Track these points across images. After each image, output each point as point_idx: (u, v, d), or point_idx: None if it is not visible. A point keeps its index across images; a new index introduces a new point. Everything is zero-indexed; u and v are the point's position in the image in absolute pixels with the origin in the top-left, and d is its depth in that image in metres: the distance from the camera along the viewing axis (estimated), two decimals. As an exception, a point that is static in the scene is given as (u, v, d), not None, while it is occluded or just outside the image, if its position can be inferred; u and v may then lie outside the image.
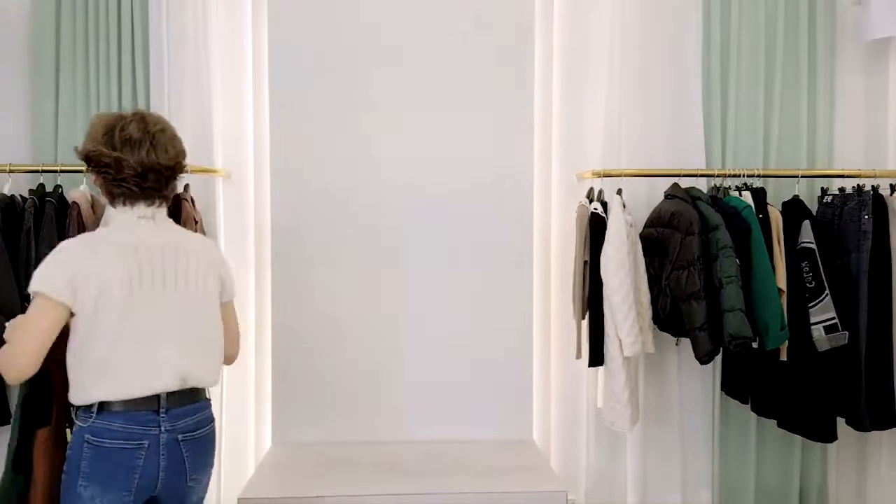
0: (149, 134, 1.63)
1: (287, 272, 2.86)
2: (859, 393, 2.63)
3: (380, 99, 2.87)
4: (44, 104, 2.75)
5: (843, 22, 3.02)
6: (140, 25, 2.75)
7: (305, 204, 2.86)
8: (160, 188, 1.67)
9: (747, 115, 2.94)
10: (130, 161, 1.61)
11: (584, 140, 2.98)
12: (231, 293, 1.81)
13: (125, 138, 1.62)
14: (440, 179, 2.89)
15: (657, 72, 2.89)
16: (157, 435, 1.60)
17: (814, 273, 2.61)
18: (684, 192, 2.69)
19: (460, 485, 2.42)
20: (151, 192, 1.66)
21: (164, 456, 1.61)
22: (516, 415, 2.92)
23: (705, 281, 2.51)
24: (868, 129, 3.06)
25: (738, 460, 2.99)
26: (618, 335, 2.62)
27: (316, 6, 2.85)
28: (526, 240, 2.92)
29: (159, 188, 1.66)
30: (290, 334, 2.86)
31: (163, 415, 1.61)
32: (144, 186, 1.64)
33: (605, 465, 2.97)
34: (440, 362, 2.90)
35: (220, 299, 1.76)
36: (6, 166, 2.57)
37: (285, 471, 2.58)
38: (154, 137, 1.63)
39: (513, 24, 2.90)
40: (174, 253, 1.67)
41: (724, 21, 2.92)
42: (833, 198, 2.78)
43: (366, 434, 2.87)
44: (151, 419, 1.60)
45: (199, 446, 1.68)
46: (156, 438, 1.60)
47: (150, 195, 1.66)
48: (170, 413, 1.62)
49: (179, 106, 2.75)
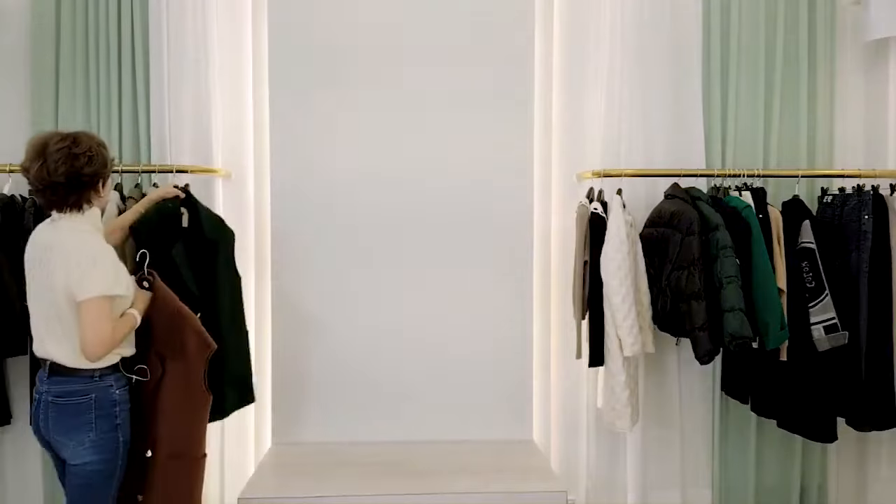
0: (47, 153, 1.88)
1: (287, 271, 2.86)
2: (859, 393, 2.63)
3: (380, 99, 2.87)
4: (44, 104, 2.75)
5: (843, 22, 3.03)
6: (140, 26, 2.75)
7: (305, 204, 2.86)
8: (59, 200, 1.92)
9: (747, 115, 2.94)
10: (30, 177, 1.92)
11: (584, 140, 2.98)
12: (80, 293, 1.88)
13: (29, 157, 1.92)
14: (440, 179, 2.89)
15: (657, 72, 2.89)
16: (40, 394, 2.00)
17: (814, 273, 2.61)
18: (684, 192, 2.69)
19: (460, 485, 2.42)
20: (53, 203, 1.93)
21: (42, 411, 1.99)
22: (516, 415, 2.93)
23: (705, 281, 2.51)
24: (868, 129, 3.06)
25: (738, 460, 2.99)
26: (618, 335, 2.62)
27: (316, 6, 2.85)
28: (526, 240, 2.92)
29: (58, 200, 1.92)
30: (289, 334, 2.86)
31: (42, 378, 2.01)
32: (47, 198, 1.93)
33: (605, 465, 2.97)
34: (440, 362, 2.90)
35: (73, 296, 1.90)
36: (6, 166, 2.57)
37: (285, 471, 2.58)
38: (49, 156, 1.87)
39: (513, 25, 2.90)
40: (44, 251, 1.96)
41: (724, 21, 2.93)
42: (833, 198, 2.78)
43: (366, 434, 2.87)
44: (39, 380, 2.02)
45: (60, 412, 1.96)
46: (39, 396, 2.01)
47: (53, 205, 1.94)
48: (43, 379, 2.00)
49: (179, 106, 2.75)
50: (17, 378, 2.71)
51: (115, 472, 2.02)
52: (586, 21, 2.96)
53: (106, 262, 1.93)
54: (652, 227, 2.77)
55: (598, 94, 2.93)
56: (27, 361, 2.59)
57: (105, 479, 2.01)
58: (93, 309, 1.86)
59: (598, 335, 2.68)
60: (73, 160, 1.88)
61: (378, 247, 2.88)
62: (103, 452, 1.98)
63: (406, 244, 2.88)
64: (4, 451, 2.82)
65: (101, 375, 1.98)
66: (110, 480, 2.02)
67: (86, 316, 1.87)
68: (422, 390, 2.90)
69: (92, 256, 1.90)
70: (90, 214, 1.99)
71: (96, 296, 1.87)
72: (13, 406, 2.73)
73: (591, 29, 2.95)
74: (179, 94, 2.75)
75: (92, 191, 1.96)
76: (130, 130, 2.77)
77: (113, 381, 2.00)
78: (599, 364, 2.69)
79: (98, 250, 1.94)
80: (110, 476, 2.02)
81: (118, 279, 1.94)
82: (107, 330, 1.87)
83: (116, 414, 2.00)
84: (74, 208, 1.94)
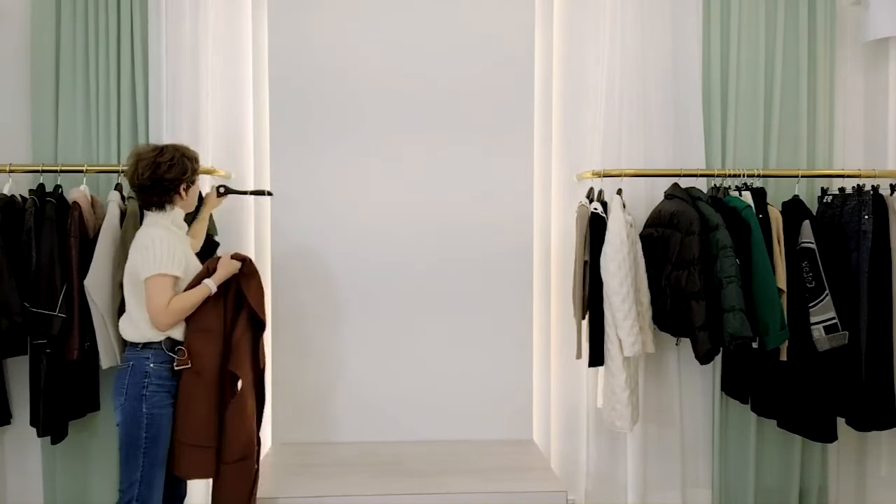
0: (139, 160, 2.20)
1: (287, 271, 2.86)
2: (859, 393, 2.63)
3: (380, 98, 2.87)
4: (44, 104, 2.75)
5: (843, 22, 3.03)
6: (140, 27, 2.75)
7: (305, 204, 2.86)
8: (146, 200, 2.23)
9: (747, 115, 2.94)
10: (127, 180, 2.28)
11: (584, 140, 2.98)
12: (141, 273, 2.14)
13: (128, 163, 2.25)
14: (440, 179, 2.89)
15: (657, 72, 2.89)
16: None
17: (814, 273, 2.61)
18: (684, 192, 2.69)
19: (460, 485, 2.42)
20: (143, 202, 2.25)
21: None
22: (516, 415, 2.93)
23: (705, 281, 2.51)
24: (868, 129, 3.06)
25: (738, 460, 2.99)
26: (618, 335, 2.62)
27: (315, 7, 2.85)
28: (526, 240, 2.93)
29: (145, 200, 2.23)
30: (290, 334, 2.86)
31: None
32: (138, 198, 2.26)
33: (605, 466, 2.97)
34: (440, 363, 2.90)
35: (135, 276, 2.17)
36: (6, 166, 2.57)
37: (285, 471, 2.58)
38: (139, 163, 2.19)
39: (513, 26, 2.90)
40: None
41: (724, 22, 2.93)
42: (833, 198, 2.78)
43: (366, 434, 2.87)
44: None
45: (114, 377, 2.22)
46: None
47: (143, 204, 2.26)
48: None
49: (178, 107, 2.74)
50: (17, 378, 2.71)
51: (140, 443, 2.11)
52: (586, 22, 2.96)
53: (160, 247, 2.14)
54: (652, 227, 2.77)
55: (598, 93, 2.93)
56: (27, 361, 2.59)
57: (131, 447, 2.12)
58: (150, 286, 2.12)
59: (598, 335, 2.67)
60: (157, 168, 2.18)
61: (378, 247, 2.88)
62: (127, 418, 2.12)
63: (406, 243, 2.88)
64: (4, 451, 2.82)
65: (143, 347, 2.17)
66: (136, 451, 2.11)
67: (146, 292, 2.13)
68: (422, 390, 2.90)
69: (145, 244, 2.15)
70: (173, 214, 2.25)
71: (151, 275, 2.12)
72: (13, 406, 2.73)
73: (592, 29, 2.95)
74: (178, 94, 2.74)
75: (174, 194, 2.23)
76: (130, 130, 2.77)
77: (150, 355, 2.16)
78: (599, 364, 2.69)
79: (154, 237, 2.15)
80: (135, 446, 2.11)
81: (173, 261, 2.14)
82: (162, 303, 2.11)
83: (145, 385, 2.13)
84: (158, 207, 2.23)
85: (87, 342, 2.48)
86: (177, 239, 2.21)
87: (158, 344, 2.17)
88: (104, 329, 2.44)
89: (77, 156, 2.74)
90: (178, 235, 2.25)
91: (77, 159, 2.74)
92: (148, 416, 2.12)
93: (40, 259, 2.45)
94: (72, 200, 2.50)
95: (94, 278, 2.41)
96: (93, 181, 2.71)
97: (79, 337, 2.46)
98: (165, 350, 2.17)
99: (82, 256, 2.45)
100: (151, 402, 2.13)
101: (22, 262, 2.47)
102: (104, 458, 2.78)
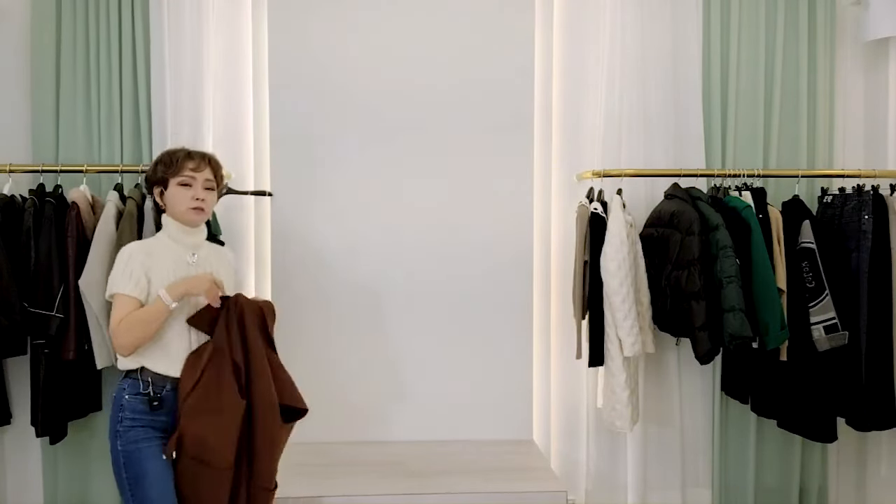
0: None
1: (287, 271, 2.86)
2: (859, 393, 2.63)
3: (380, 98, 2.87)
4: (44, 104, 2.75)
5: (842, 22, 3.03)
6: (140, 27, 2.75)
7: (305, 204, 2.86)
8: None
9: (747, 115, 2.94)
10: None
11: (584, 140, 2.98)
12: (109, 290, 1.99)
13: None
14: (440, 179, 2.89)
15: (657, 72, 2.89)
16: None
17: (814, 273, 2.61)
18: (684, 192, 2.69)
19: (460, 485, 2.42)
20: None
21: None
22: (517, 415, 2.93)
23: (705, 281, 2.51)
24: (868, 129, 3.06)
25: (738, 460, 2.99)
26: (618, 335, 2.62)
27: (315, 8, 2.85)
28: (526, 240, 2.93)
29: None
30: (289, 334, 2.85)
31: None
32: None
33: (605, 466, 2.97)
34: (440, 362, 2.90)
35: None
36: (6, 166, 2.57)
37: (286, 471, 2.57)
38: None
39: (513, 26, 2.90)
40: None
41: (725, 22, 2.93)
42: (833, 198, 2.78)
43: (366, 434, 2.87)
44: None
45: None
46: None
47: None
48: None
49: (179, 106, 2.74)
50: (17, 378, 2.71)
51: (124, 484, 1.93)
52: (586, 21, 2.96)
53: (118, 265, 1.99)
54: (652, 227, 2.77)
55: (598, 93, 2.93)
56: (27, 361, 2.59)
57: (120, 488, 1.95)
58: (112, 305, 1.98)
59: (598, 335, 2.67)
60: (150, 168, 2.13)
61: (378, 246, 2.88)
62: (111, 457, 1.96)
63: (406, 243, 2.89)
64: (4, 451, 2.82)
65: (125, 376, 2.00)
66: (123, 492, 1.94)
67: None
68: (422, 390, 2.90)
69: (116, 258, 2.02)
70: (168, 222, 2.09)
71: (109, 293, 1.99)
72: (13, 406, 2.73)
73: (592, 29, 2.95)
74: (179, 95, 2.75)
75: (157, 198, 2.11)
76: (131, 130, 2.76)
77: (127, 385, 1.97)
78: (599, 364, 2.69)
79: (123, 252, 2.01)
80: (122, 486, 1.94)
81: (129, 280, 1.95)
82: (114, 322, 1.93)
83: (120, 419, 1.95)
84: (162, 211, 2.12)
85: (87, 343, 2.46)
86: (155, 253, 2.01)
87: (135, 373, 1.96)
88: (99, 330, 2.41)
89: (77, 156, 2.74)
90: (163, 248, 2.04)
91: (77, 159, 2.73)
92: (124, 454, 1.92)
93: (38, 259, 2.44)
94: (71, 200, 2.49)
95: (88, 279, 2.36)
96: (94, 181, 2.71)
97: (75, 337, 2.44)
98: (140, 380, 1.96)
99: (80, 257, 2.43)
100: (125, 438, 1.93)
101: (21, 262, 2.47)
102: (104, 458, 2.76)
